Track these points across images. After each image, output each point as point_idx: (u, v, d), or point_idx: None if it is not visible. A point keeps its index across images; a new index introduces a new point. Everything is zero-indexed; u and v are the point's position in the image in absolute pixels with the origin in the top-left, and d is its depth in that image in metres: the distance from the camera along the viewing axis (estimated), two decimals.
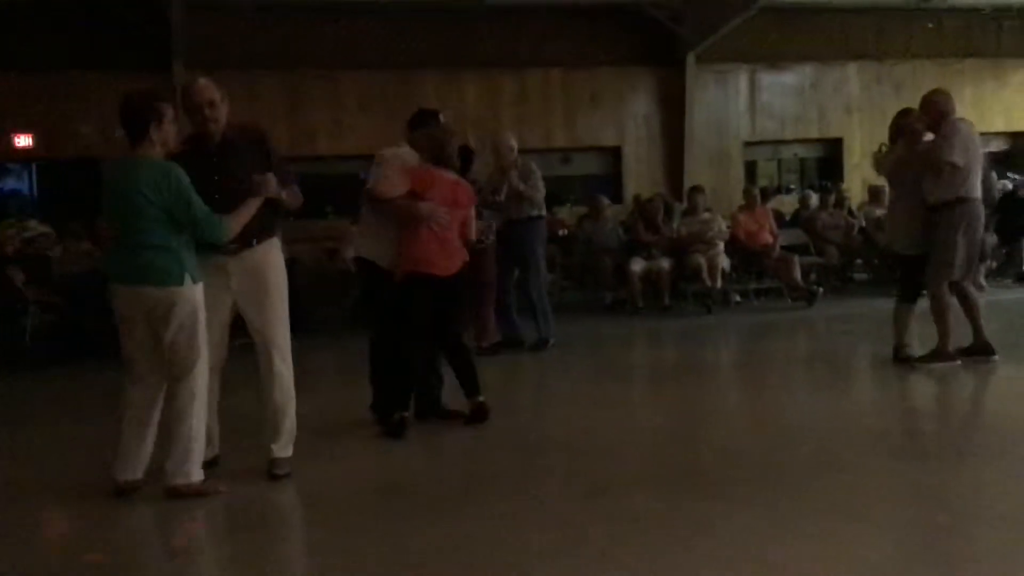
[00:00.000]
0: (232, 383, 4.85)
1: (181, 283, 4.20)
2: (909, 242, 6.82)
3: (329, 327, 10.25)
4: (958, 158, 6.40)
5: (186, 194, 4.18)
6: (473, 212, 5.83)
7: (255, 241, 4.50)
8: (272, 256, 4.63)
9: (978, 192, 6.64)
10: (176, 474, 4.24)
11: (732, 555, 3.42)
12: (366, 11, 12.91)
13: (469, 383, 5.56)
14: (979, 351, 6.79)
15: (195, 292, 4.25)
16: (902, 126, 6.87)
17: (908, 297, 6.95)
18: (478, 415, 5.50)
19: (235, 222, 4.32)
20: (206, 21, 11.95)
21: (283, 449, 4.62)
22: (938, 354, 6.73)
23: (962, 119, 6.76)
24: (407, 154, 5.60)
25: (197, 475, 4.28)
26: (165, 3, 11.38)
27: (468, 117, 13.50)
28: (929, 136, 6.64)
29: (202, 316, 4.27)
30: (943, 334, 6.72)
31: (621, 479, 4.50)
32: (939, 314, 6.68)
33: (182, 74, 11.41)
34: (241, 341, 4.82)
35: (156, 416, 4.37)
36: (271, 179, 4.42)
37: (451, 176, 5.55)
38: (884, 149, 7.24)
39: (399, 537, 3.76)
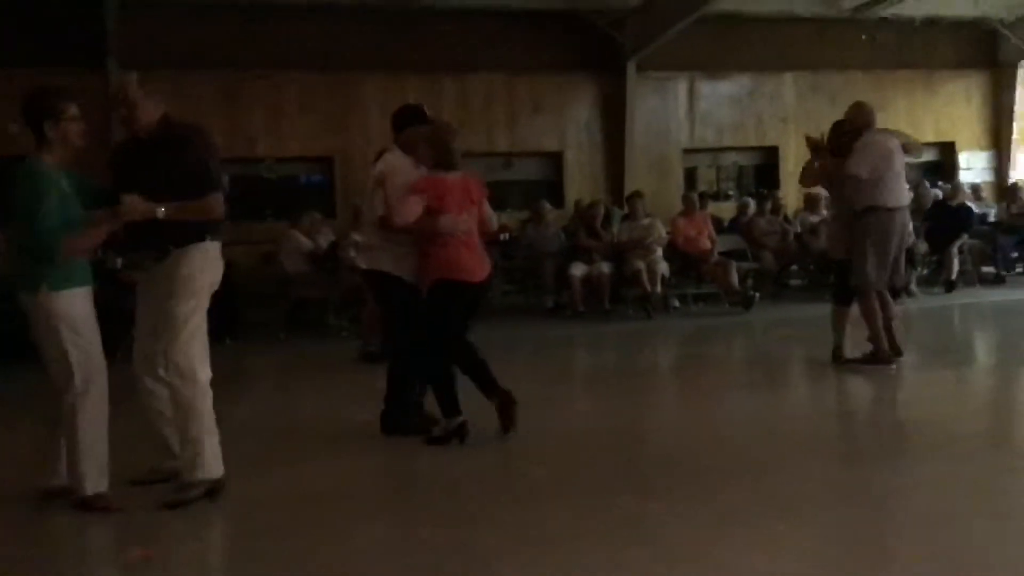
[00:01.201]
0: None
1: (36, 290, 4.03)
2: (841, 247, 7.01)
3: (266, 331, 10.11)
4: (861, 170, 6.64)
5: (34, 201, 3.98)
6: (487, 204, 5.54)
7: (172, 248, 4.24)
8: (184, 266, 4.25)
9: (892, 202, 6.78)
10: (74, 486, 4.13)
11: (671, 554, 3.45)
12: (306, 12, 12.79)
13: (486, 381, 5.27)
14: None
15: (54, 301, 4.02)
16: (830, 138, 7.06)
17: (842, 300, 7.11)
18: (508, 408, 5.19)
19: (70, 245, 4.04)
20: (141, 19, 11.73)
21: (187, 471, 4.23)
22: (872, 357, 6.87)
23: (881, 131, 6.97)
24: (402, 163, 5.30)
25: (92, 487, 4.10)
26: (99, 0, 11.15)
27: None
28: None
29: (68, 327, 4.04)
30: (873, 338, 6.87)
31: (560, 480, 4.52)
32: (866, 318, 6.87)
33: (116, 73, 11.19)
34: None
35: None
36: (133, 202, 4.12)
37: (458, 175, 5.26)
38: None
39: (336, 543, 3.72)
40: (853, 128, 6.86)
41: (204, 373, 4.25)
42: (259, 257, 11.33)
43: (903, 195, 6.87)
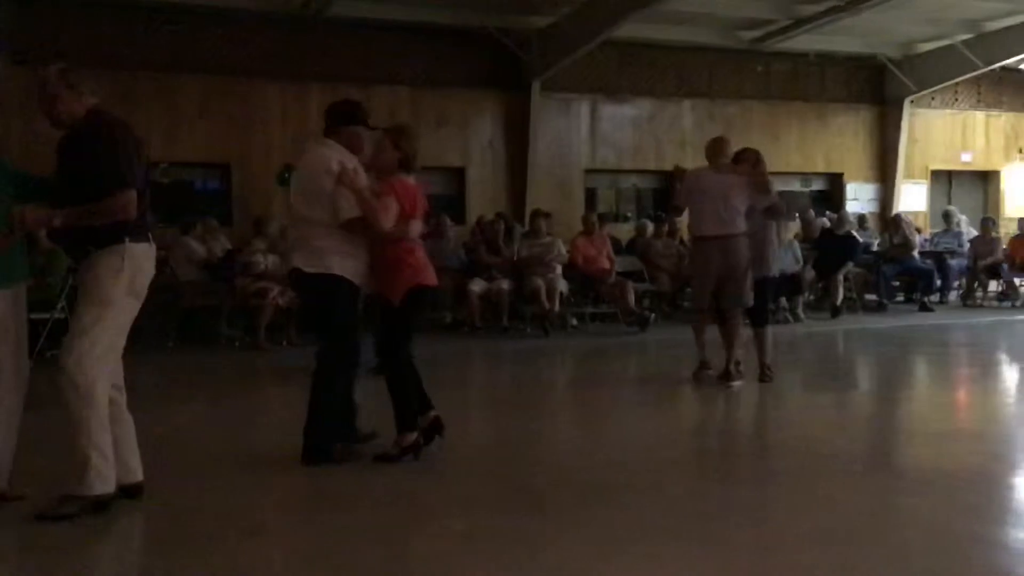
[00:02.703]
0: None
1: None
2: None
3: (155, 341, 9.81)
4: (680, 201, 7.77)
5: None
6: None
7: (92, 248, 4.07)
8: (93, 270, 4.06)
9: (706, 232, 7.25)
10: None
11: (558, 573, 3.46)
12: (208, 15, 12.54)
13: (422, 399, 5.19)
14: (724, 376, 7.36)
15: None
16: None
17: (753, 321, 7.47)
18: (437, 428, 5.18)
19: None
20: (35, 16, 11.33)
21: (70, 483, 3.98)
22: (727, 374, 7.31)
23: (704, 168, 7.54)
24: (352, 162, 4.99)
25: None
26: None
27: (312, 130, 13.30)
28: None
29: None
30: (731, 355, 7.31)
31: (452, 498, 4.50)
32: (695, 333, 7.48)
33: (5, 68, 10.78)
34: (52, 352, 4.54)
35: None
36: (25, 213, 4.02)
37: (412, 180, 5.14)
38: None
39: (223, 558, 3.63)
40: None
41: (101, 387, 3.99)
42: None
43: (717, 226, 7.16)
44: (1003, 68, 16.67)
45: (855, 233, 13.27)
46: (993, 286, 14.07)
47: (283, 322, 10.09)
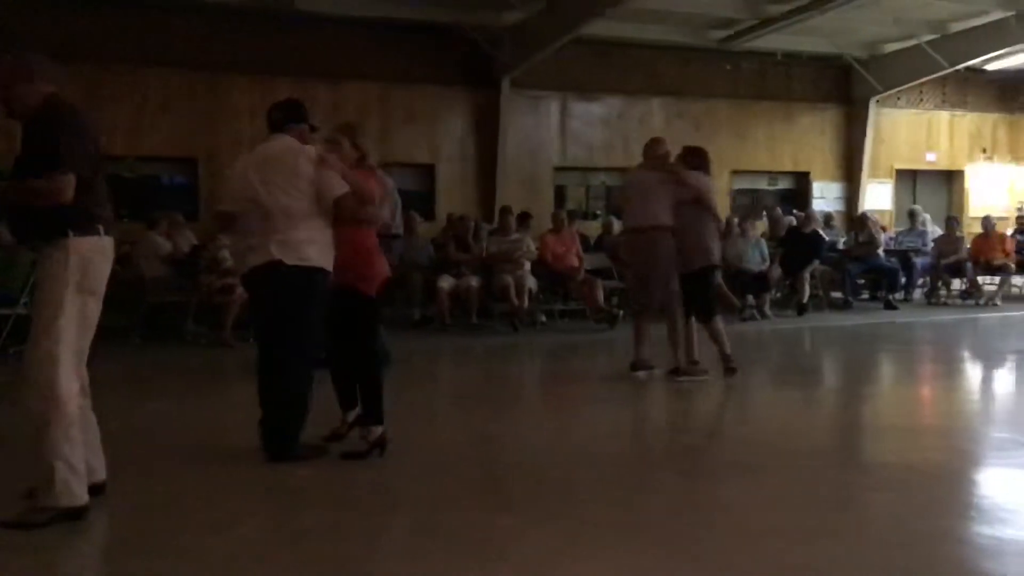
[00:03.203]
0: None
1: None
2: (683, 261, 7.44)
3: (120, 337, 9.70)
4: (621, 201, 7.82)
5: None
6: None
7: (41, 243, 3.95)
8: (44, 266, 3.91)
9: (627, 224, 7.94)
10: None
11: (528, 571, 3.47)
12: (177, 9, 12.43)
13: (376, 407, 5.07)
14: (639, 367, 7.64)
15: None
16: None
17: (699, 315, 7.52)
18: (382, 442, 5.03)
19: None
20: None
21: (39, 494, 3.83)
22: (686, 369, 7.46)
23: (637, 165, 7.90)
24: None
25: None
26: None
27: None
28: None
29: None
30: (680, 349, 7.46)
31: (417, 494, 4.49)
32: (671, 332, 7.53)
33: None
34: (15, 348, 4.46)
35: None
36: None
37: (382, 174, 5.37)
38: None
39: (183, 556, 3.60)
40: None
41: (65, 389, 3.82)
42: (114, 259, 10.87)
43: (638, 219, 7.50)
44: (968, 69, 16.89)
45: (821, 231, 13.38)
46: (957, 284, 14.26)
47: (249, 319, 10.00)
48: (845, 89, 17.13)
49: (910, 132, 18.04)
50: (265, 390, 4.91)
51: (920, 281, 14.36)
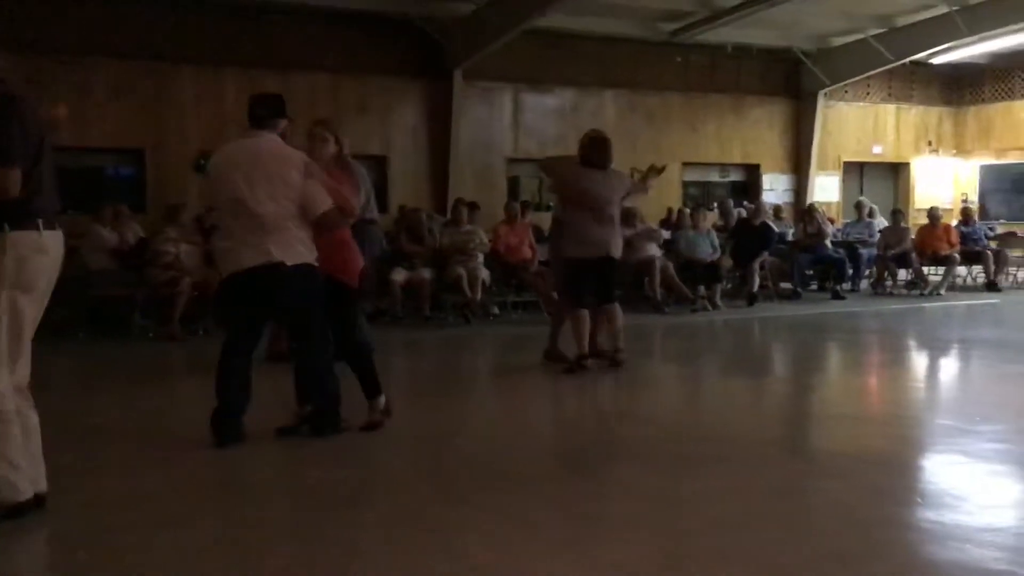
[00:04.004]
0: None
1: None
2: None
3: (65, 332, 9.52)
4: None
5: None
6: None
7: None
8: None
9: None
10: None
11: (482, 562, 3.46)
12: None
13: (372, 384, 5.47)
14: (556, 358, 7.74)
15: None
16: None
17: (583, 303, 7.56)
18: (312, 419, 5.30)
19: None
20: None
21: None
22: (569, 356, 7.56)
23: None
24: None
25: None
26: None
27: (228, 117, 13.05)
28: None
29: None
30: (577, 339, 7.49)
31: (367, 486, 4.48)
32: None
33: None
34: None
35: None
36: None
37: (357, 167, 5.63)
38: (634, 173, 7.94)
39: (139, 550, 3.55)
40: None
41: (1, 391, 3.70)
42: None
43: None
44: (913, 62, 17.20)
45: (771, 223, 13.54)
46: (902, 275, 14.51)
47: (198, 312, 9.88)
48: (794, 82, 17.33)
49: (857, 125, 18.32)
50: (307, 383, 5.22)
51: (867, 272, 14.59)
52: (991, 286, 14.23)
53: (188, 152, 12.81)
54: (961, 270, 14.74)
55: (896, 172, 19.16)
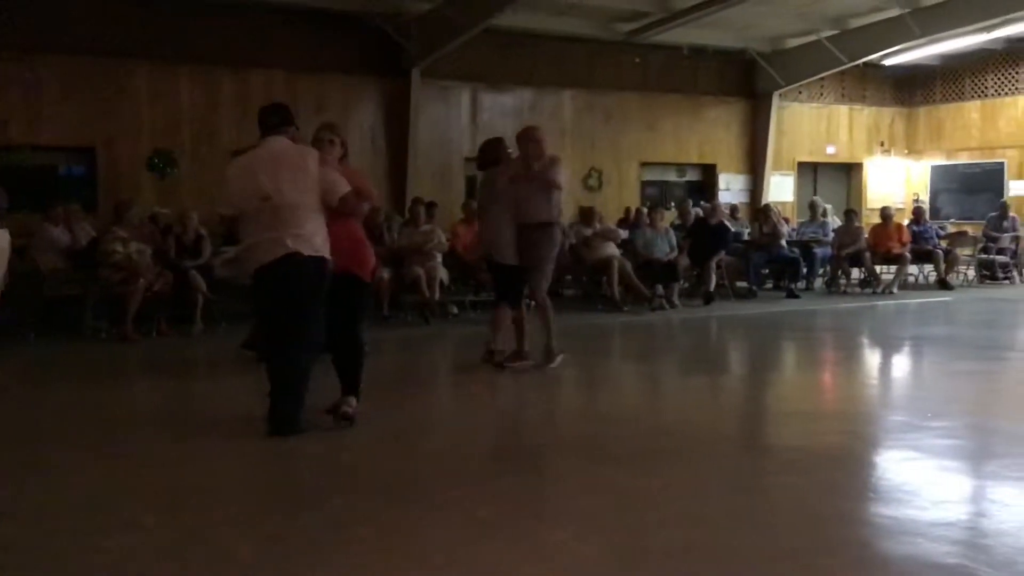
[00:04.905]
0: None
1: None
2: (511, 253, 7.47)
3: (15, 333, 9.34)
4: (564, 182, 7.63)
5: None
6: None
7: None
8: None
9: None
10: None
11: (437, 560, 3.45)
12: None
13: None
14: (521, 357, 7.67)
15: None
16: (500, 151, 7.81)
17: (513, 302, 7.64)
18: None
19: None
20: None
21: None
22: (547, 353, 7.58)
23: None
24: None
25: None
26: None
27: (183, 114, 12.91)
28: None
29: None
30: (550, 335, 7.61)
31: (323, 486, 4.46)
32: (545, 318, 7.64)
33: None
34: None
35: None
36: None
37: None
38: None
39: (105, 551, 3.49)
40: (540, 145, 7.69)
41: None
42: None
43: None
44: (866, 64, 17.45)
45: (727, 222, 13.65)
46: (856, 273, 14.71)
47: (152, 312, 9.75)
48: (749, 83, 17.50)
49: (811, 125, 18.55)
50: (278, 373, 5.27)
51: (821, 270, 14.77)
52: (942, 284, 14.48)
53: (141, 150, 12.69)
54: (913, 269, 14.98)
55: (849, 172, 19.43)
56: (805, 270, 14.14)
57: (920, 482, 4.51)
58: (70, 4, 12.04)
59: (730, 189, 17.44)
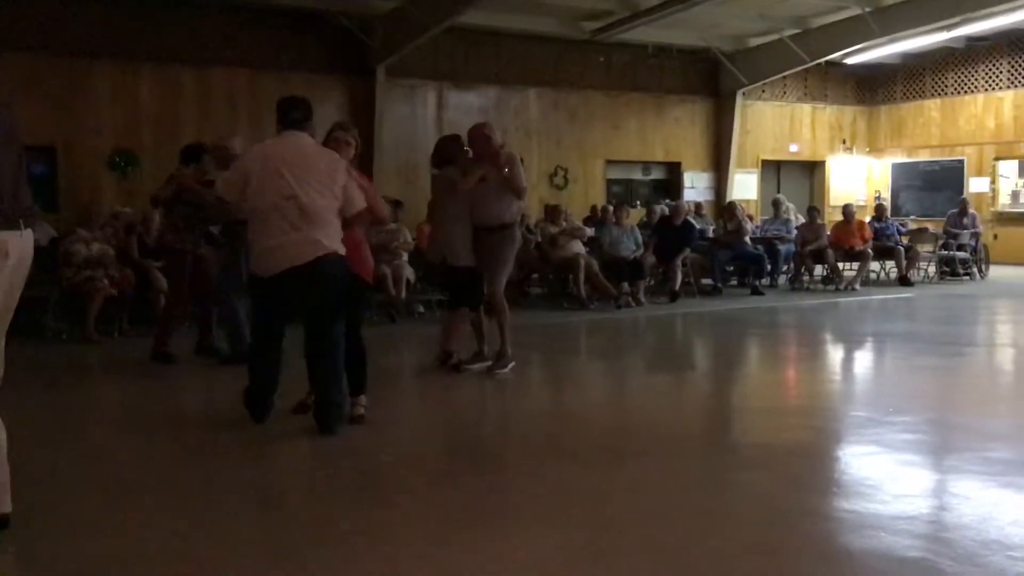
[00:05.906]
0: None
1: None
2: (467, 255, 7.35)
3: None
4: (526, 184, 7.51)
5: None
6: None
7: None
8: None
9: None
10: None
11: (404, 559, 3.44)
12: None
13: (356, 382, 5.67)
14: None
15: None
16: (456, 150, 7.62)
17: (471, 306, 7.57)
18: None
19: None
20: None
21: None
22: (500, 357, 7.42)
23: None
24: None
25: None
26: None
27: (144, 113, 12.77)
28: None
29: None
30: (504, 339, 7.42)
31: (290, 487, 4.43)
32: (501, 322, 7.43)
33: None
34: None
35: None
36: None
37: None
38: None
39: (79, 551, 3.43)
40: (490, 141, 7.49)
41: None
42: None
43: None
44: (828, 63, 17.65)
45: (692, 220, 13.73)
46: (818, 270, 14.86)
47: (114, 312, 9.63)
48: (713, 82, 17.62)
49: (774, 124, 18.72)
50: (320, 370, 5.32)
51: (784, 267, 14.91)
52: (903, 281, 14.66)
53: (102, 149, 12.54)
54: (875, 265, 15.16)
55: (812, 170, 19.63)
56: (769, 267, 14.26)
57: (882, 476, 4.56)
58: (29, 1, 11.86)
59: (695, 187, 17.56)
